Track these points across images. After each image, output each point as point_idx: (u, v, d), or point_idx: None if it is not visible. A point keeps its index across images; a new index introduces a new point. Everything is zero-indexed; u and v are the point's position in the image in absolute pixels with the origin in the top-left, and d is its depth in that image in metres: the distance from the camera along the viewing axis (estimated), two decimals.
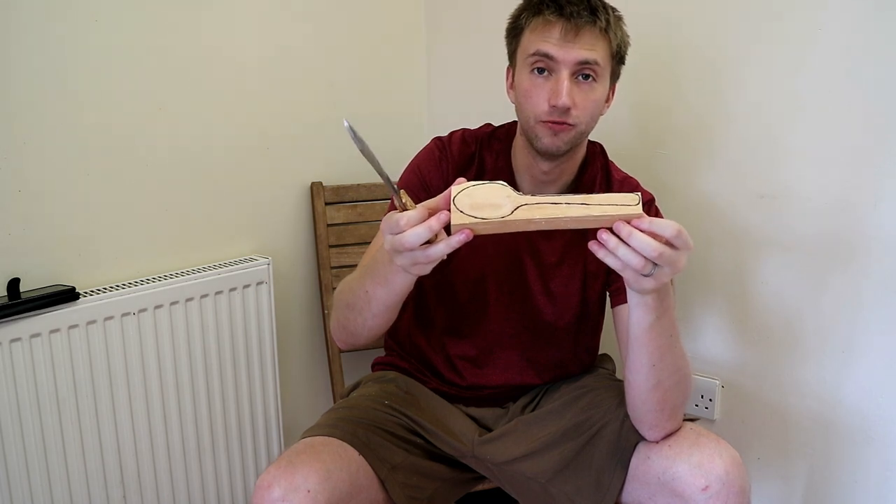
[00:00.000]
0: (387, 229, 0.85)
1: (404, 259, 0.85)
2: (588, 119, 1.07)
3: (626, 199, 0.82)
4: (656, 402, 0.99)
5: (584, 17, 1.02)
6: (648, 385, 0.98)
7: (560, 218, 0.82)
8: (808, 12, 1.29)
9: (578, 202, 0.82)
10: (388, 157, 1.67)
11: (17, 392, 1.17)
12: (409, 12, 1.77)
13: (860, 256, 1.30)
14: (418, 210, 0.84)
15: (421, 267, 0.87)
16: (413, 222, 0.83)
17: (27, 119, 1.19)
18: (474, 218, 0.82)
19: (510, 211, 0.83)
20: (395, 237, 0.84)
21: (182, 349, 1.36)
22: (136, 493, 1.33)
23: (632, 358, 0.97)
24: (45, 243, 1.23)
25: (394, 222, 0.84)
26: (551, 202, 0.83)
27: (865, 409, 1.34)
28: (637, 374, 0.98)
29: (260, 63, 1.48)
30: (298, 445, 1.01)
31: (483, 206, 0.83)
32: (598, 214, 0.82)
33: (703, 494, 0.97)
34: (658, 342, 0.94)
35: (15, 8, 1.15)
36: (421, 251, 0.84)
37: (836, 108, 1.28)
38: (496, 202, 0.83)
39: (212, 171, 1.43)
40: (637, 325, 0.93)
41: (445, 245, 0.83)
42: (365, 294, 1.01)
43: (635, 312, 0.92)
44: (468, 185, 0.85)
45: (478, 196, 0.84)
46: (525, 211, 0.83)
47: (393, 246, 0.85)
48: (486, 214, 0.82)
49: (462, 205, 0.83)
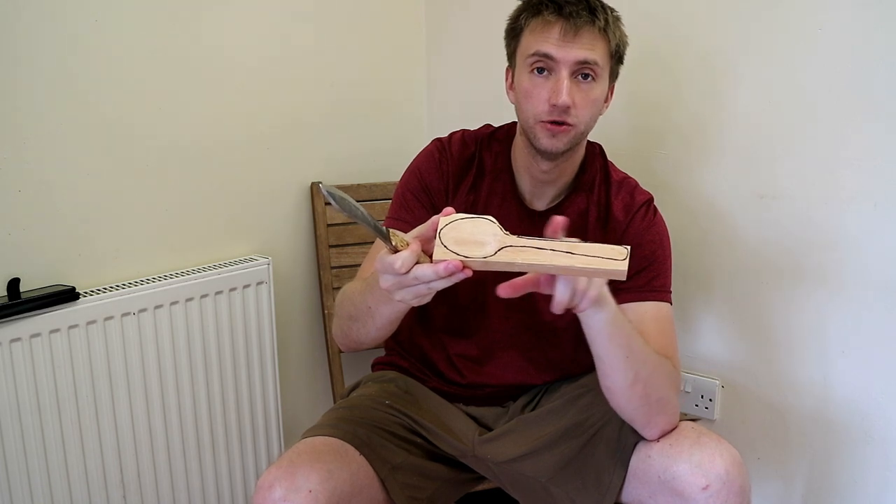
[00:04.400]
0: (382, 270, 0.84)
1: (405, 294, 0.84)
2: (587, 119, 1.07)
3: (613, 253, 0.81)
4: (640, 395, 0.99)
5: (583, 16, 1.02)
6: (627, 381, 0.97)
7: (543, 265, 0.82)
8: (808, 12, 1.29)
9: (564, 250, 0.81)
10: (388, 156, 1.71)
11: (17, 392, 1.17)
12: (409, 12, 1.77)
13: (860, 256, 1.30)
14: (412, 249, 0.82)
15: (421, 299, 0.86)
16: (409, 263, 0.81)
17: (27, 119, 1.18)
18: (456, 255, 0.81)
19: (493, 251, 0.82)
20: (398, 278, 0.82)
21: (182, 349, 1.36)
22: (136, 493, 1.33)
23: (604, 360, 0.97)
24: (45, 243, 1.23)
25: (389, 264, 0.82)
26: (536, 247, 0.82)
27: (865, 409, 1.34)
28: (614, 376, 0.98)
29: (260, 63, 1.48)
30: (299, 445, 1.01)
31: (468, 242, 0.82)
32: (582, 266, 0.81)
33: (703, 493, 0.97)
34: (624, 331, 0.95)
35: (15, 9, 1.15)
36: (424, 285, 0.83)
37: (836, 108, 1.29)
38: (481, 239, 0.82)
39: (212, 171, 1.43)
40: (604, 323, 0.93)
41: (446, 281, 0.82)
42: (368, 309, 1.01)
43: (594, 317, 0.92)
44: (457, 217, 0.84)
45: (464, 230, 0.83)
46: (508, 253, 0.82)
47: (393, 285, 0.84)
48: (468, 252, 0.81)
49: (447, 239, 0.82)
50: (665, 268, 1.14)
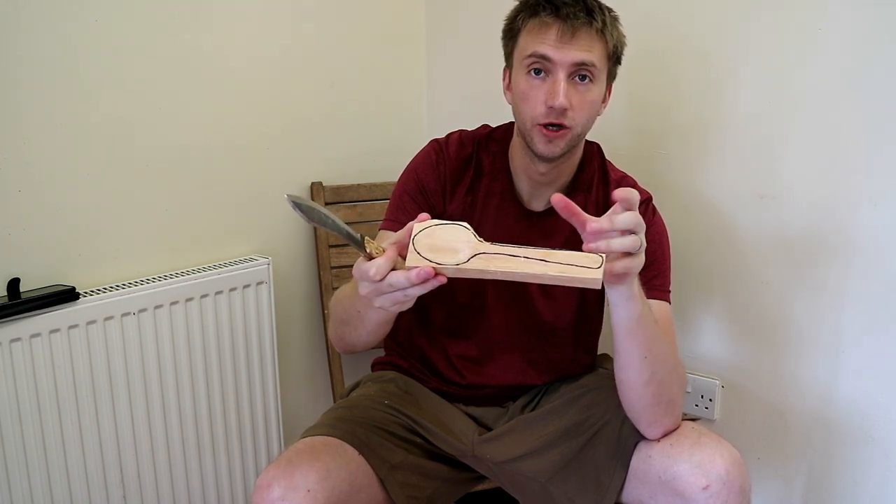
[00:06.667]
0: (359, 277, 0.84)
1: (384, 301, 0.85)
2: (584, 120, 1.07)
3: (588, 261, 0.80)
4: (652, 395, 0.99)
5: (580, 18, 1.02)
6: (642, 379, 0.97)
7: (516, 272, 0.81)
8: (808, 12, 1.29)
9: (538, 258, 0.81)
10: (388, 156, 1.71)
11: (17, 392, 1.17)
12: (409, 12, 1.77)
13: (860, 256, 1.30)
14: (386, 256, 0.82)
15: (400, 306, 0.86)
16: (384, 271, 0.81)
17: (27, 119, 1.19)
18: (429, 261, 0.81)
19: (466, 258, 0.82)
20: (374, 285, 0.83)
21: (182, 349, 1.36)
22: (136, 493, 1.33)
23: (622, 355, 0.97)
24: (45, 243, 1.23)
25: (364, 272, 0.82)
26: (510, 254, 0.82)
27: (865, 409, 1.34)
28: (629, 371, 0.98)
29: (260, 63, 1.48)
30: (298, 445, 1.02)
31: (441, 248, 0.82)
32: (555, 274, 0.80)
33: (703, 493, 0.97)
34: (647, 332, 0.94)
35: (15, 9, 1.15)
36: (400, 292, 0.83)
37: (836, 108, 1.28)
38: (455, 246, 0.82)
39: (212, 171, 1.43)
40: (628, 318, 0.92)
41: (421, 288, 0.82)
42: (357, 314, 1.01)
43: (625, 307, 0.91)
44: (431, 223, 0.84)
45: (438, 237, 0.83)
46: (481, 260, 0.82)
47: (371, 292, 0.84)
48: (442, 258, 0.81)
49: (420, 245, 0.82)
50: (664, 267, 1.14)
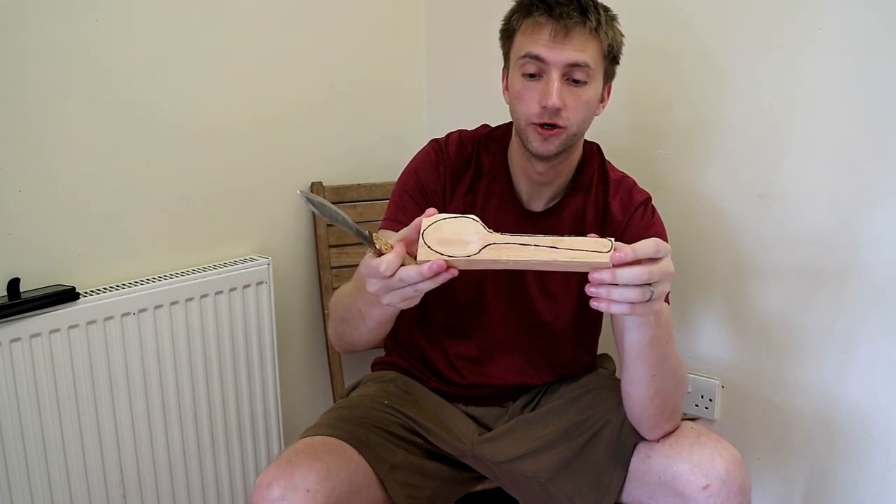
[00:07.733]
0: (368, 274, 0.84)
1: (393, 297, 0.84)
2: (580, 120, 1.07)
3: (597, 245, 0.81)
4: (657, 407, 0.99)
5: (573, 17, 1.02)
6: (649, 394, 0.98)
7: (527, 260, 0.81)
8: (809, 12, 1.28)
9: (548, 245, 0.81)
10: (388, 156, 1.70)
11: (17, 392, 1.17)
12: (409, 12, 1.77)
13: (860, 256, 1.30)
14: (396, 252, 0.82)
15: (409, 302, 0.86)
16: (394, 266, 0.81)
17: (27, 119, 1.19)
18: (440, 255, 0.81)
19: (477, 249, 0.82)
20: (384, 282, 0.82)
21: (182, 349, 1.36)
22: (136, 493, 1.33)
23: (631, 371, 0.97)
24: (45, 243, 1.23)
25: (374, 268, 0.82)
26: (520, 243, 0.82)
27: (865, 409, 1.33)
28: (637, 387, 0.98)
29: (260, 62, 1.48)
30: (298, 445, 1.01)
31: (451, 241, 0.82)
32: (566, 260, 0.81)
33: (703, 493, 0.97)
34: (658, 353, 0.94)
35: (15, 9, 1.15)
36: (410, 287, 0.83)
37: (837, 108, 1.28)
38: (465, 238, 0.82)
39: (212, 171, 1.43)
40: (639, 341, 0.92)
41: (432, 282, 0.82)
42: (358, 312, 1.01)
43: (637, 331, 0.91)
44: (439, 217, 0.84)
45: (447, 230, 0.83)
46: (492, 251, 0.82)
47: (380, 289, 0.84)
48: (452, 251, 0.82)
49: (430, 239, 0.82)
50: None
